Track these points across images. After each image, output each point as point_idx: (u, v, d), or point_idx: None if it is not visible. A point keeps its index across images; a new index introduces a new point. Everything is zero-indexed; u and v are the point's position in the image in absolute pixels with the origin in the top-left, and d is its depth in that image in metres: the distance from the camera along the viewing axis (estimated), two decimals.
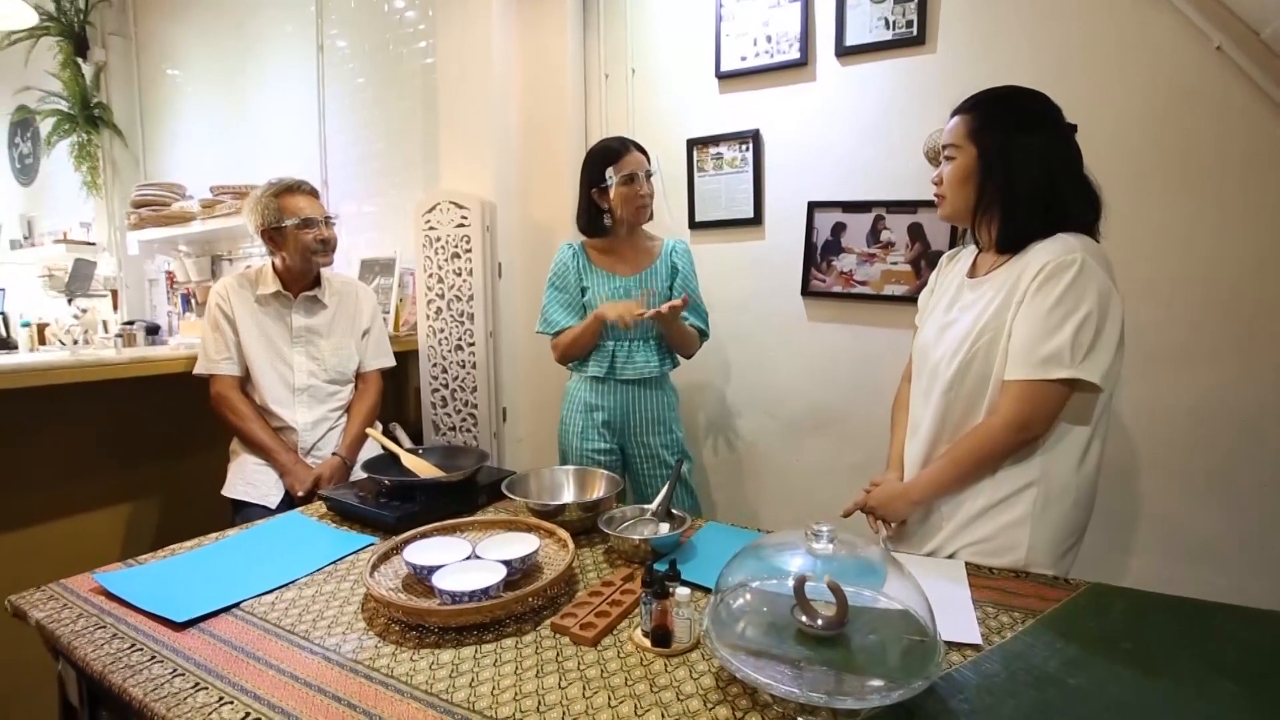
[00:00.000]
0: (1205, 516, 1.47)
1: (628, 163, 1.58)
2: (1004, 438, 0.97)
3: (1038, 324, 0.94)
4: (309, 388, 1.66)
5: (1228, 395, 1.43)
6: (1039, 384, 0.93)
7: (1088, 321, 0.91)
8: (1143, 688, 0.70)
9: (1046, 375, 0.92)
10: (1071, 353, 0.91)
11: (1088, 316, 0.91)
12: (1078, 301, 0.91)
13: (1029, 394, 0.94)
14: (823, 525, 0.71)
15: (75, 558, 1.03)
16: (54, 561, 1.05)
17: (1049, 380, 0.93)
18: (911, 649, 0.66)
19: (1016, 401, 0.95)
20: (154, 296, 3.48)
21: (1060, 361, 0.92)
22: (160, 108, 3.47)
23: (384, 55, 2.55)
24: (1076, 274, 0.91)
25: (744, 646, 0.68)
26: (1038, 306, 0.94)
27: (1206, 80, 1.39)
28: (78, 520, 1.67)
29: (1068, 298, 0.92)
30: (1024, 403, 0.95)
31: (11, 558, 1.53)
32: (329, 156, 2.75)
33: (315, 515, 1.27)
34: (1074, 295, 0.91)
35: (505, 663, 0.76)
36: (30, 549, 1.56)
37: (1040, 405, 0.94)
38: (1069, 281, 0.92)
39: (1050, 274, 0.93)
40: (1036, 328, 0.94)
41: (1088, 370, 0.91)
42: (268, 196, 1.62)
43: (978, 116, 1.03)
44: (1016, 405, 0.95)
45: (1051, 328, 0.92)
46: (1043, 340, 0.93)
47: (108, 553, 1.08)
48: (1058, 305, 0.92)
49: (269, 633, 0.83)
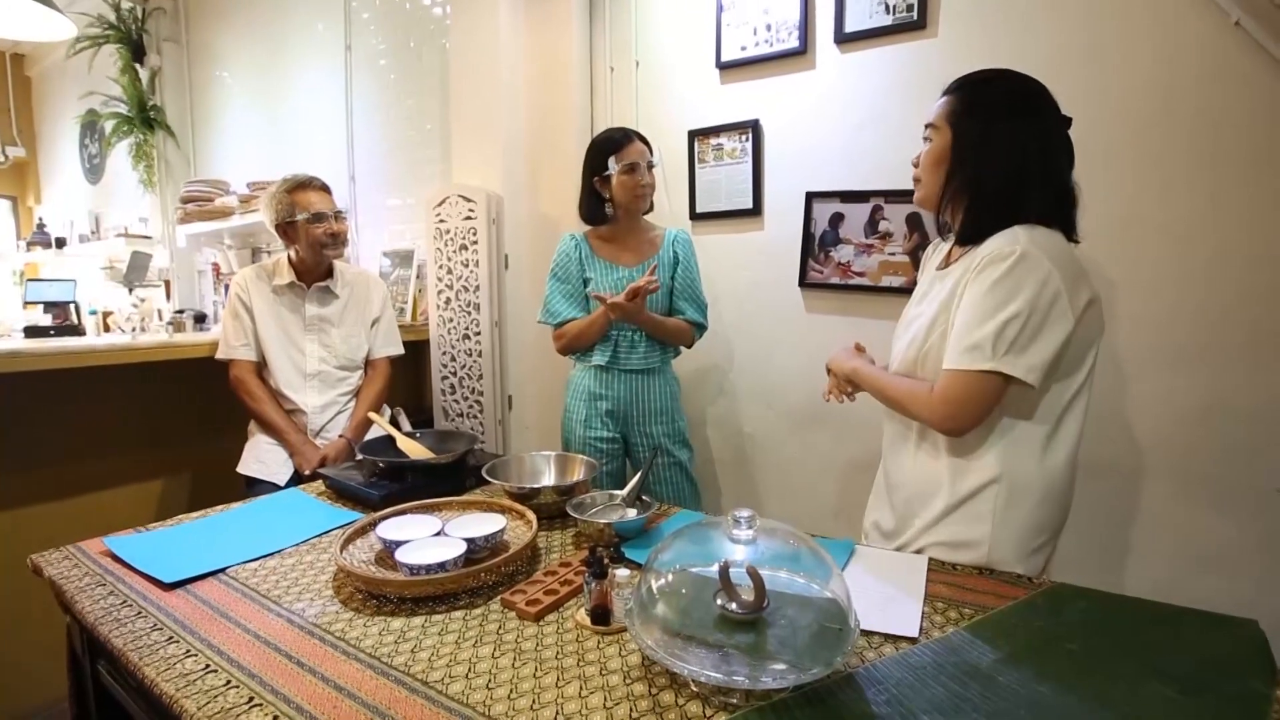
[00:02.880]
0: (1211, 522, 1.39)
1: (630, 152, 1.59)
2: (926, 411, 0.97)
3: (966, 314, 0.92)
4: (319, 373, 1.75)
5: (1243, 395, 1.35)
6: (964, 375, 0.91)
7: (1018, 316, 0.88)
8: (1071, 688, 0.68)
9: (970, 365, 0.90)
10: (994, 345, 0.89)
11: (1018, 311, 0.88)
12: (1010, 294, 0.88)
13: (954, 383, 0.93)
14: (743, 511, 0.72)
15: (105, 526, 1.14)
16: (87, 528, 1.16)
17: (972, 371, 0.90)
18: (824, 635, 0.67)
19: (944, 389, 0.94)
20: (202, 287, 3.70)
21: (982, 353, 0.89)
22: (207, 108, 3.67)
23: (406, 53, 2.64)
24: (1011, 266, 0.89)
25: (666, 628, 0.70)
26: (971, 296, 0.92)
27: (1227, 60, 1.30)
28: (112, 493, 1.83)
29: (998, 290, 0.89)
30: (950, 391, 0.93)
31: (50, 523, 1.70)
32: (356, 152, 2.87)
33: (314, 493, 1.35)
34: (1005, 288, 0.89)
35: (449, 633, 0.80)
36: (68, 516, 1.73)
37: (964, 396, 0.92)
38: (1002, 273, 0.89)
39: (985, 264, 0.91)
40: (965, 318, 0.92)
41: (1010, 364, 0.89)
42: (281, 192, 1.71)
43: (961, 99, 1.00)
44: (944, 392, 0.94)
45: (980, 318, 0.90)
46: (970, 330, 0.91)
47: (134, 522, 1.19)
48: (988, 296, 0.90)
49: (246, 596, 0.90)
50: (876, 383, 1.08)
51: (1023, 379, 0.89)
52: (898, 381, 1.04)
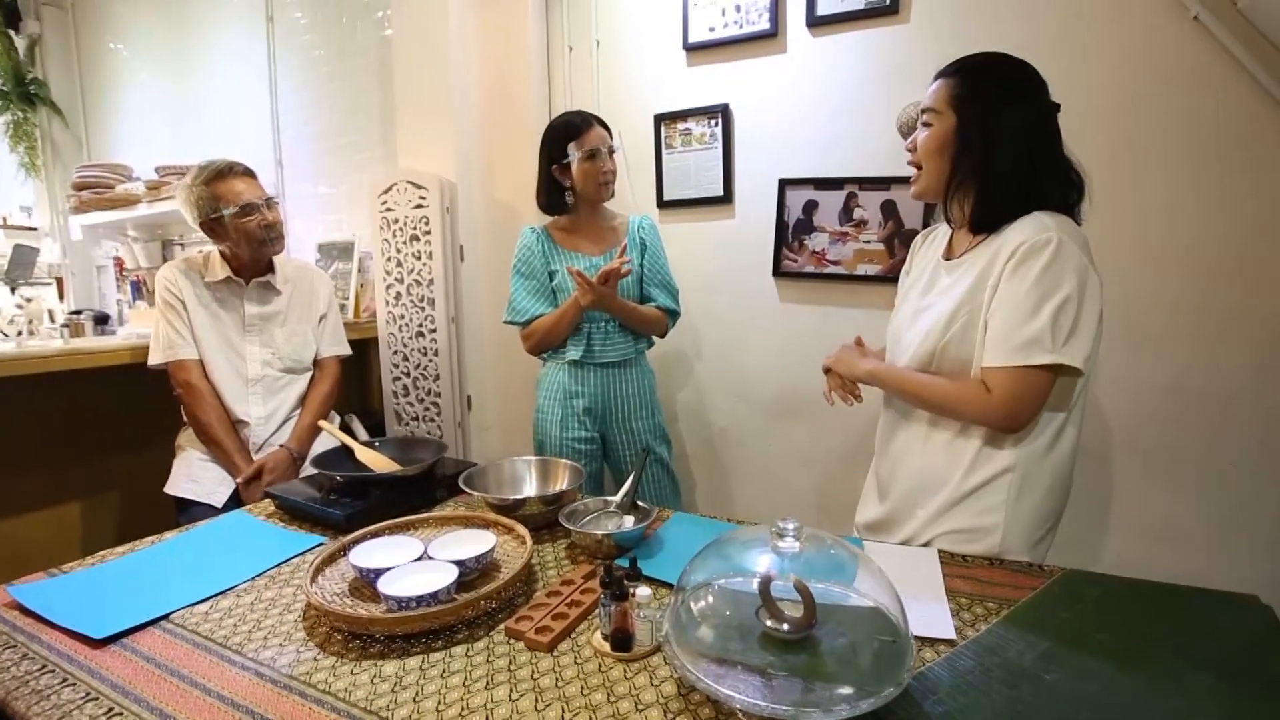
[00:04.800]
0: (1177, 497, 1.47)
1: (590, 138, 1.51)
2: (981, 413, 0.93)
3: (1016, 308, 0.89)
4: (262, 378, 1.57)
5: (1203, 376, 1.42)
6: (1024, 371, 0.89)
7: (1067, 304, 0.87)
8: (1118, 683, 0.67)
9: (1028, 361, 0.88)
10: (1053, 337, 0.87)
11: (1067, 299, 0.87)
12: (1056, 283, 0.87)
13: (1014, 380, 0.90)
14: (789, 521, 0.67)
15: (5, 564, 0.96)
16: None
17: (1032, 367, 0.88)
18: (882, 651, 0.63)
19: (1006, 388, 0.90)
20: (102, 284, 3.31)
21: (1042, 346, 0.87)
22: (102, 84, 3.27)
23: (338, 28, 2.42)
24: (1053, 255, 0.87)
25: (706, 653, 0.63)
26: (1015, 289, 0.89)
27: (1184, 53, 1.36)
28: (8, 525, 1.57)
29: (1045, 279, 0.87)
30: (1011, 388, 0.90)
31: None
32: (283, 135, 2.62)
33: (262, 515, 1.20)
34: (1051, 277, 0.87)
35: (453, 673, 0.71)
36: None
37: (1027, 392, 0.89)
38: (1045, 262, 0.87)
39: (1025, 255, 0.89)
40: (1015, 312, 0.89)
41: (1069, 355, 0.87)
42: (199, 185, 1.49)
43: (962, 82, 0.97)
44: (1006, 391, 0.90)
45: (1030, 311, 0.88)
46: (1022, 325, 0.88)
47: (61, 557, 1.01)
48: (1035, 287, 0.88)
49: (198, 647, 0.77)
50: (907, 384, 1.02)
51: (1080, 368, 0.88)
52: (934, 381, 0.98)
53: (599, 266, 1.54)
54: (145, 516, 1.35)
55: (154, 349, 1.53)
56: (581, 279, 1.41)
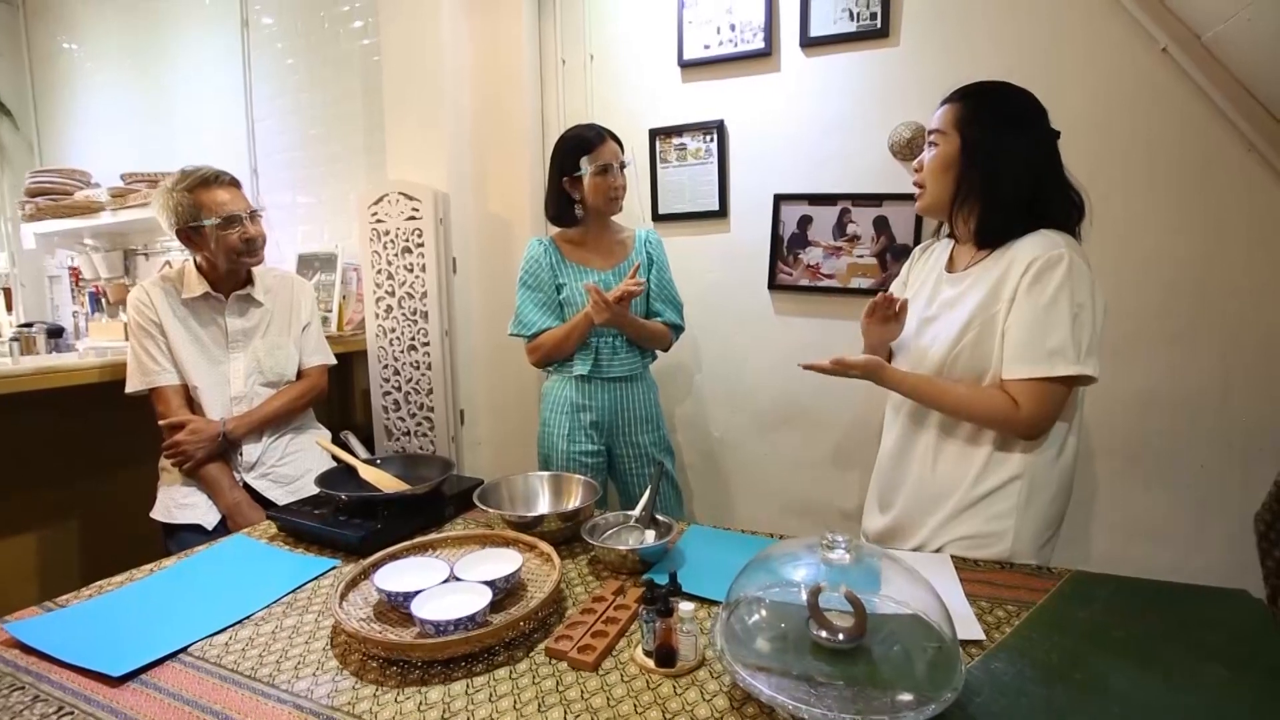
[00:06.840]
0: (1149, 497, 1.55)
1: (603, 153, 1.51)
2: (1010, 425, 0.96)
3: (1036, 321, 0.94)
4: (246, 396, 1.52)
5: (1169, 381, 1.51)
6: (1049, 382, 0.94)
7: (1082, 316, 0.92)
8: (1142, 678, 0.71)
9: (1053, 372, 0.93)
10: (1075, 349, 0.92)
11: (1083, 311, 0.92)
12: (1073, 297, 0.92)
13: (1039, 391, 0.94)
14: (839, 535, 0.68)
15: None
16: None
17: (1053, 377, 0.93)
18: (933, 657, 0.65)
19: (1033, 398, 0.94)
20: (56, 295, 3.15)
21: (1065, 357, 0.92)
22: (56, 86, 3.12)
23: (318, 34, 2.38)
24: (1068, 270, 0.92)
25: (760, 664, 0.64)
26: (1034, 302, 0.94)
27: (1154, 81, 1.45)
28: None
29: (1063, 293, 0.92)
30: (1036, 398, 0.94)
31: None
32: (258, 143, 2.54)
33: (264, 538, 1.15)
34: (1069, 291, 0.92)
35: (501, 696, 0.70)
36: None
37: (1053, 404, 0.95)
38: (1062, 276, 0.92)
39: (1041, 270, 0.94)
40: (1036, 325, 0.94)
41: (1091, 365, 0.93)
42: (180, 191, 1.43)
43: (967, 106, 1.02)
44: (1032, 401, 0.95)
45: (1052, 324, 0.93)
46: (1044, 337, 0.93)
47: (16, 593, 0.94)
48: (1055, 301, 0.93)
49: (226, 680, 0.74)
50: (923, 391, 1.03)
51: (1097, 377, 0.93)
52: (958, 388, 1.02)
53: (608, 281, 1.55)
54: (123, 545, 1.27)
55: (130, 375, 1.45)
56: (599, 297, 1.41)
